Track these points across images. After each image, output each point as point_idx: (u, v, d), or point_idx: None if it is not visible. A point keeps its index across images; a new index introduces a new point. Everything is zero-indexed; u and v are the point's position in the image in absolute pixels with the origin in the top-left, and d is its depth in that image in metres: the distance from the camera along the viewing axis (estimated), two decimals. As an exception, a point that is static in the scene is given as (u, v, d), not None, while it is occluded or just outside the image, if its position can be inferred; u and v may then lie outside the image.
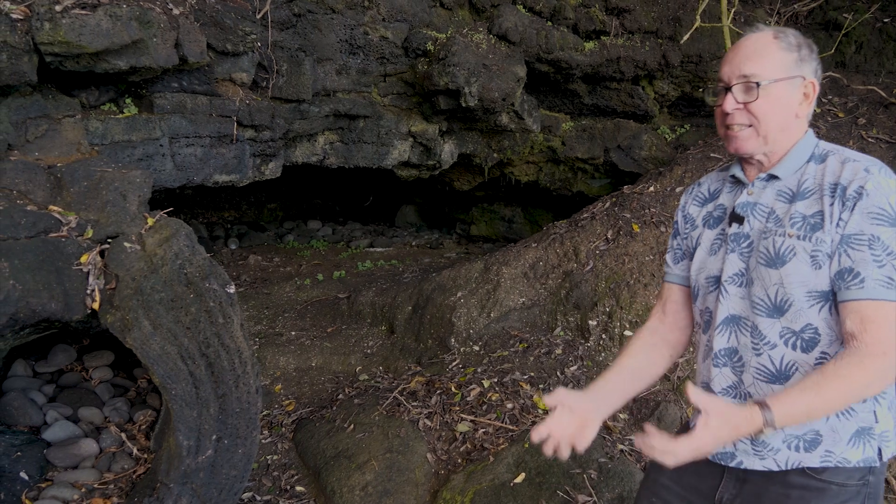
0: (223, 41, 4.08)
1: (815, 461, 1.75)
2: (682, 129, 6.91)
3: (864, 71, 6.51)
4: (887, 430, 1.73)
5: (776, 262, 1.75)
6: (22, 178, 3.07)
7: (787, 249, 1.73)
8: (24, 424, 3.56)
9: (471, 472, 3.64)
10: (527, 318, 4.94)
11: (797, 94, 1.76)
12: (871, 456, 1.72)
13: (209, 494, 2.96)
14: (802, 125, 1.80)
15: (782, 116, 1.78)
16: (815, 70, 1.77)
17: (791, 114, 1.77)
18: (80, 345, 4.23)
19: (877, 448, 1.72)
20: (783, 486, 1.78)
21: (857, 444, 1.73)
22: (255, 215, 9.64)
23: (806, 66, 1.76)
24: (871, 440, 1.72)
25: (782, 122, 1.78)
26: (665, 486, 2.01)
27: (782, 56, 1.76)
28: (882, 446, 1.73)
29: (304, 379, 5.00)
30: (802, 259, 1.70)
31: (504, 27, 5.53)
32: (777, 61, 1.76)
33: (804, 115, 1.79)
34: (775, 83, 1.76)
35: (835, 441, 1.74)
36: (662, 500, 2.01)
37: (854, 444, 1.73)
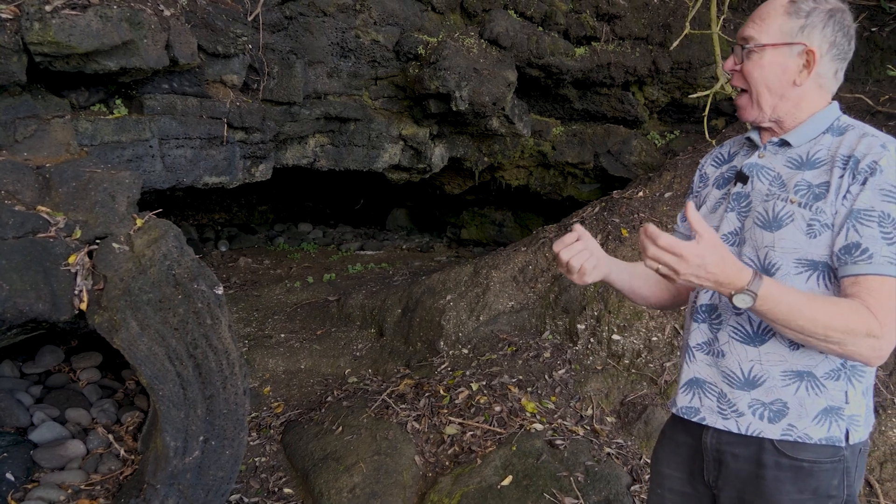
0: (214, 43, 4.08)
1: (777, 433, 1.75)
2: (672, 135, 6.95)
3: (851, 79, 6.56)
4: (858, 414, 1.73)
5: (772, 226, 1.74)
6: (10, 178, 3.07)
7: (785, 214, 1.72)
8: (10, 425, 3.55)
9: (458, 474, 3.65)
10: (515, 322, 4.96)
11: (795, 61, 1.74)
12: (837, 436, 1.72)
13: (196, 496, 2.96)
14: (817, 95, 1.77)
15: (775, 83, 1.77)
16: (825, 38, 1.72)
17: (787, 81, 1.76)
18: (67, 346, 4.22)
19: (844, 429, 1.72)
20: (757, 466, 1.78)
21: (822, 422, 1.72)
22: (245, 217, 9.62)
23: (812, 33, 1.72)
24: (839, 420, 1.72)
25: (776, 89, 1.77)
26: (667, 476, 2.02)
27: (783, 21, 1.74)
28: (851, 429, 1.72)
29: (293, 381, 5.00)
30: (799, 226, 1.70)
31: (495, 32, 5.55)
32: (776, 26, 1.75)
33: (805, 84, 1.74)
34: (768, 48, 1.76)
35: (800, 415, 1.73)
36: (667, 490, 2.03)
37: (820, 421, 1.72)
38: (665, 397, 4.15)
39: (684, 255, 1.53)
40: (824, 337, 1.59)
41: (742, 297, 1.58)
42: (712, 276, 1.57)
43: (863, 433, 1.75)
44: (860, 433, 1.74)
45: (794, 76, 1.75)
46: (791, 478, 1.74)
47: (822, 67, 1.74)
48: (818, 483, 1.72)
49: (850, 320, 1.56)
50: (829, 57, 1.73)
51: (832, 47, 1.73)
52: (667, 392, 4.17)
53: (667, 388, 4.18)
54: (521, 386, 4.30)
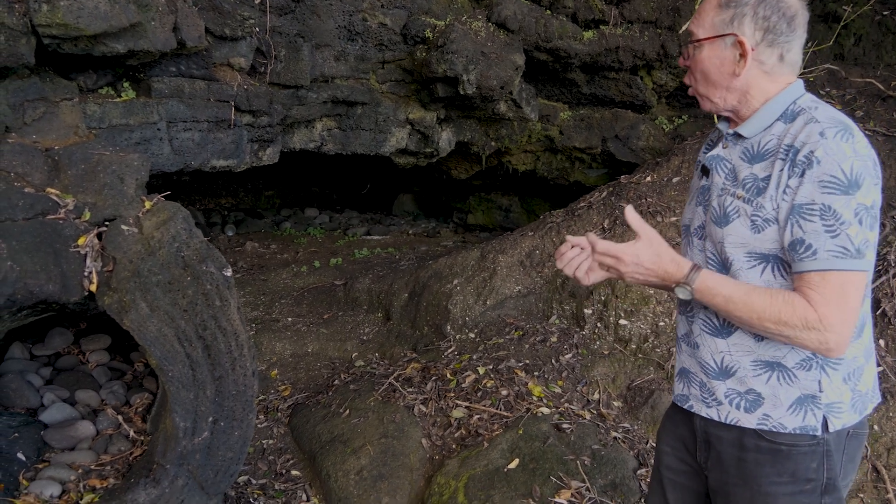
0: (221, 26, 4.07)
1: (752, 422, 1.79)
2: (680, 120, 6.92)
3: (862, 63, 6.52)
4: (840, 401, 1.73)
5: (721, 221, 1.77)
6: (19, 161, 3.08)
7: (732, 210, 1.74)
8: (21, 406, 3.57)
9: (465, 457, 3.67)
10: (522, 306, 4.96)
11: (730, 52, 1.74)
12: (812, 425, 1.73)
13: (205, 476, 2.98)
14: (766, 81, 1.75)
15: (716, 76, 1.77)
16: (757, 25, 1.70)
17: (727, 73, 1.75)
18: (77, 328, 4.24)
19: (821, 417, 1.72)
20: (739, 449, 1.82)
21: (797, 412, 1.74)
22: (252, 202, 9.63)
23: (743, 21, 1.71)
24: (815, 409, 1.73)
25: (719, 82, 1.78)
26: (666, 453, 2.08)
27: (715, 14, 1.75)
28: (830, 416, 1.72)
29: (300, 364, 5.02)
30: (744, 221, 1.71)
31: (503, 15, 5.53)
32: (708, 20, 1.76)
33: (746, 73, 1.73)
34: (705, 42, 1.77)
35: (774, 405, 1.76)
36: (664, 466, 2.09)
37: (795, 410, 1.74)
38: (672, 382, 4.15)
39: (620, 256, 1.72)
40: (762, 328, 1.66)
41: (681, 289, 1.73)
42: (651, 272, 1.73)
43: (848, 418, 1.75)
44: (844, 419, 1.74)
45: (733, 67, 1.74)
46: (770, 460, 1.77)
47: (760, 55, 1.72)
48: (796, 466, 1.74)
49: (782, 312, 1.62)
50: (766, 42, 1.71)
51: (767, 33, 1.70)
52: (673, 377, 4.17)
53: (673, 373, 4.18)
54: (528, 370, 4.31)
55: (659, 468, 2.11)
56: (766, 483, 1.77)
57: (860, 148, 1.60)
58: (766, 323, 1.64)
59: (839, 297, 1.59)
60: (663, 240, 1.75)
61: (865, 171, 1.58)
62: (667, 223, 4.97)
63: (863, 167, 1.58)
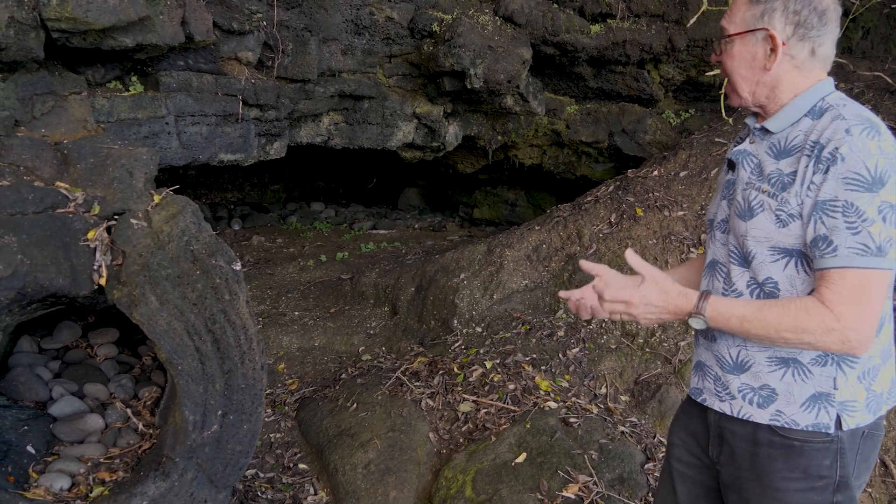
0: (229, 19, 4.07)
1: (765, 418, 1.79)
2: (687, 114, 6.90)
3: (870, 57, 6.49)
4: (854, 399, 1.72)
5: (746, 215, 1.77)
6: (29, 155, 3.08)
7: (757, 203, 1.75)
8: (30, 400, 3.58)
9: (472, 451, 3.68)
10: (529, 301, 4.96)
11: (761, 47, 1.74)
12: (825, 422, 1.72)
13: (214, 469, 2.99)
14: (797, 76, 1.75)
15: (746, 71, 1.78)
16: (788, 20, 1.70)
17: (757, 68, 1.76)
18: (85, 322, 4.25)
19: (835, 415, 1.72)
20: (752, 444, 1.81)
21: (811, 409, 1.73)
22: (258, 196, 9.64)
23: (773, 16, 1.71)
24: (829, 407, 1.72)
25: (749, 77, 1.78)
26: (677, 446, 2.09)
27: (746, 9, 1.75)
28: (844, 415, 1.72)
29: (307, 358, 5.03)
30: (768, 216, 1.71)
31: (510, 9, 5.51)
32: (740, 15, 1.76)
33: (776, 68, 1.74)
34: (736, 38, 1.77)
35: (788, 402, 1.75)
36: (675, 458, 2.09)
37: (808, 408, 1.74)
38: (679, 376, 4.15)
39: (629, 300, 1.76)
40: (783, 340, 1.65)
41: (695, 320, 1.74)
42: (662, 310, 1.76)
43: (862, 418, 1.74)
44: (858, 418, 1.73)
45: (764, 62, 1.75)
46: (783, 456, 1.76)
47: (792, 49, 1.72)
48: (808, 462, 1.74)
49: (798, 320, 1.61)
50: (798, 37, 1.71)
51: (798, 27, 1.70)
52: (681, 371, 4.17)
53: (681, 368, 4.18)
54: (535, 364, 4.31)
55: (669, 460, 2.12)
56: (778, 479, 1.77)
57: (886, 146, 1.59)
58: (784, 334, 1.63)
59: (858, 295, 1.58)
60: (667, 275, 1.80)
61: (891, 169, 1.57)
62: (674, 217, 4.96)
63: (888, 165, 1.57)
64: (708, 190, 5.20)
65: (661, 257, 4.71)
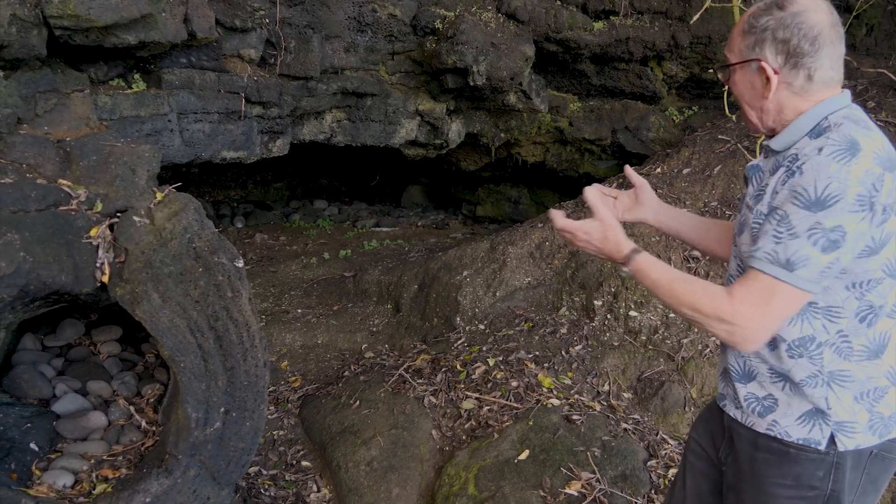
0: (232, 17, 4.07)
1: (762, 427, 1.82)
2: (690, 111, 6.88)
3: (874, 54, 6.47)
4: (853, 421, 1.73)
5: (738, 231, 1.85)
6: (31, 152, 3.08)
7: (744, 220, 1.81)
8: (33, 397, 3.59)
9: (475, 448, 3.68)
10: (532, 298, 4.96)
11: (758, 77, 1.75)
12: (817, 438, 1.74)
13: (217, 466, 2.99)
14: (798, 100, 1.74)
15: (749, 99, 1.80)
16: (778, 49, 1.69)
17: (757, 96, 1.77)
18: (88, 319, 4.25)
19: (828, 434, 1.73)
20: (754, 448, 1.85)
21: (805, 423, 1.75)
22: (261, 194, 9.64)
23: (764, 46, 1.71)
24: (823, 425, 1.74)
25: (753, 104, 1.80)
26: (695, 440, 2.15)
27: (741, 40, 1.76)
28: (840, 434, 1.73)
29: (310, 356, 5.03)
30: (749, 231, 1.76)
31: (513, 6, 5.50)
32: (737, 45, 1.78)
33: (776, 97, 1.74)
34: (736, 68, 1.79)
35: (786, 414, 1.78)
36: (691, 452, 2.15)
37: (803, 422, 1.76)
38: (682, 374, 4.15)
39: (574, 232, 1.94)
40: (682, 313, 1.77)
41: (623, 269, 1.90)
42: (597, 250, 1.94)
43: (864, 439, 1.74)
44: (858, 440, 1.73)
45: (762, 90, 1.75)
46: (777, 461, 1.79)
47: (786, 77, 1.71)
48: (801, 471, 1.75)
49: (699, 301, 1.71)
50: (790, 66, 1.70)
51: (790, 56, 1.69)
52: (683, 368, 4.16)
53: (683, 365, 4.18)
54: (538, 361, 4.31)
55: (686, 453, 2.18)
56: (770, 484, 1.80)
57: (853, 171, 1.55)
58: (682, 308, 1.75)
59: (761, 299, 1.64)
60: (616, 223, 1.92)
61: (843, 195, 1.55)
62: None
63: (841, 189, 1.55)
64: (711, 187, 5.19)
65: (665, 254, 4.70)
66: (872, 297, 1.68)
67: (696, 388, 4.09)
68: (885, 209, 1.59)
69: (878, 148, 1.60)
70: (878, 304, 1.68)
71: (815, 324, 1.71)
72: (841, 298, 1.68)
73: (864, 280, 1.66)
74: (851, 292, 1.67)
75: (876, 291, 1.67)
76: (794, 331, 1.73)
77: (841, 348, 1.71)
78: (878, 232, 1.61)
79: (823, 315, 1.70)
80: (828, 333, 1.71)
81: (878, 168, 1.57)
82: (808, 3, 1.69)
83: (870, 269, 1.65)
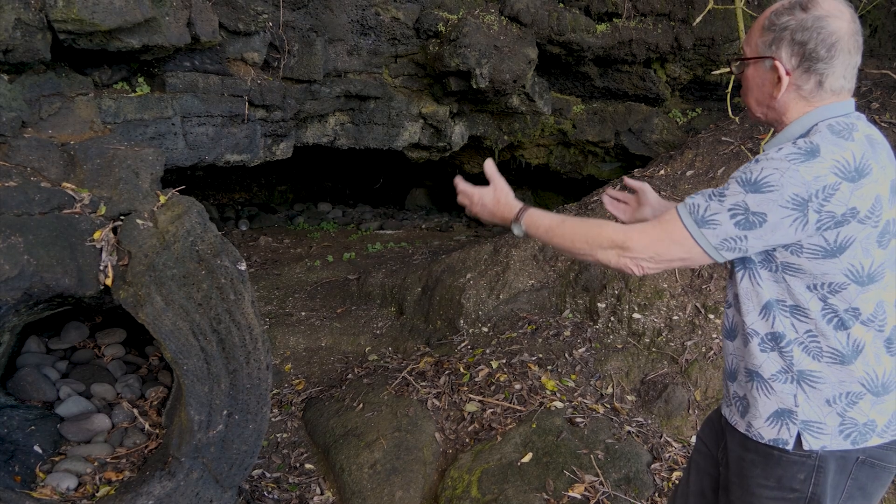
0: (235, 20, 4.08)
1: (742, 427, 1.86)
2: (694, 113, 6.88)
3: (878, 55, 6.46)
4: (819, 422, 1.73)
5: None
6: (36, 155, 3.10)
7: None
8: (37, 399, 3.60)
9: (478, 451, 3.67)
10: (536, 300, 4.95)
11: (770, 75, 1.75)
12: (784, 438, 1.75)
13: (220, 469, 3.00)
14: (802, 105, 1.74)
15: (758, 94, 1.81)
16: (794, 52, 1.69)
17: (766, 94, 1.77)
18: (92, 322, 4.27)
19: (795, 433, 1.74)
20: (743, 449, 1.87)
21: (774, 424, 1.77)
22: (265, 197, 9.66)
23: (781, 46, 1.70)
24: (791, 424, 1.75)
25: (761, 100, 1.81)
26: (700, 439, 2.18)
27: (759, 35, 1.76)
28: (806, 434, 1.73)
29: (313, 359, 5.03)
30: None
31: (516, 8, 5.51)
32: (754, 40, 1.78)
33: (784, 97, 1.74)
34: (749, 62, 1.80)
35: (755, 415, 1.81)
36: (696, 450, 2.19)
37: (772, 423, 1.78)
38: (686, 376, 4.14)
39: (470, 197, 2.11)
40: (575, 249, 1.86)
41: (515, 227, 2.00)
42: (491, 214, 2.07)
43: (831, 442, 1.73)
44: (825, 441, 1.73)
45: (772, 89, 1.75)
46: (762, 462, 1.80)
47: (798, 80, 1.72)
48: (783, 472, 1.76)
49: (591, 233, 1.82)
50: (803, 69, 1.70)
51: (804, 59, 1.69)
52: (687, 371, 4.15)
53: (687, 367, 4.17)
54: (541, 364, 4.31)
55: (693, 451, 2.21)
56: (755, 484, 1.82)
57: (803, 173, 1.57)
58: (578, 242, 1.84)
59: (662, 233, 1.73)
60: (508, 188, 2.07)
61: (777, 185, 1.58)
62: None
63: (776, 180, 1.58)
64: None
65: (668, 257, 4.69)
66: (836, 300, 1.68)
67: (700, 390, 4.08)
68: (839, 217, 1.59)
69: (842, 157, 1.59)
70: (843, 309, 1.68)
71: (785, 322, 1.73)
72: (805, 299, 1.69)
73: (825, 282, 1.66)
74: (814, 293, 1.68)
75: (840, 296, 1.67)
76: (765, 325, 1.76)
77: (810, 348, 1.73)
78: (832, 235, 1.61)
79: (791, 314, 1.73)
80: (796, 332, 1.73)
81: (834, 177, 1.57)
82: (832, 8, 1.68)
83: (828, 271, 1.65)
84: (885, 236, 1.66)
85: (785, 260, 1.68)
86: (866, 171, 1.60)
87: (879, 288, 1.68)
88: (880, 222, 1.63)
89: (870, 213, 1.61)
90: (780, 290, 1.72)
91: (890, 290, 1.72)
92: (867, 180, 1.60)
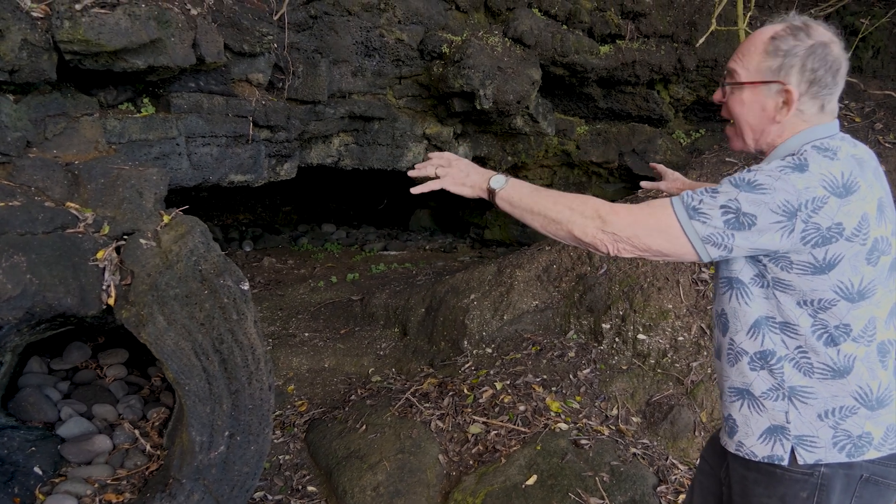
0: (240, 42, 4.10)
1: (732, 447, 1.86)
2: (698, 134, 6.89)
3: (881, 76, 6.47)
4: (812, 436, 1.72)
5: None
6: (40, 175, 3.10)
7: None
8: (38, 420, 3.58)
9: (482, 473, 3.64)
10: (540, 321, 4.93)
11: (773, 99, 1.74)
12: (779, 454, 1.75)
13: (221, 491, 2.97)
14: (790, 126, 1.75)
15: (754, 120, 1.78)
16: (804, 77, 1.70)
17: (766, 118, 1.76)
18: (94, 343, 4.25)
19: (789, 448, 1.74)
20: (745, 468, 1.85)
21: (767, 441, 1.77)
22: (269, 218, 9.67)
23: (790, 72, 1.70)
24: (784, 440, 1.74)
25: (756, 126, 1.78)
26: (703, 459, 2.17)
27: (761, 59, 1.73)
28: (800, 448, 1.73)
29: (316, 380, 5.01)
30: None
31: (519, 30, 5.54)
32: (755, 64, 1.75)
33: (784, 121, 1.74)
34: (747, 86, 1.76)
35: (746, 434, 1.81)
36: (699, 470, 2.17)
37: (765, 440, 1.77)
38: (691, 397, 4.10)
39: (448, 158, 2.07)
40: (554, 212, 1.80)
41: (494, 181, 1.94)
42: (461, 181, 2.02)
43: (826, 455, 1.72)
44: (820, 454, 1.72)
45: (774, 114, 1.75)
46: (765, 481, 1.79)
47: (802, 105, 1.72)
48: (786, 490, 1.75)
49: (577, 200, 1.79)
50: (810, 94, 1.71)
51: (812, 85, 1.70)
52: (692, 392, 4.12)
53: (693, 389, 4.13)
54: (546, 385, 4.28)
55: (696, 474, 2.20)
56: (757, 503, 1.81)
57: (794, 182, 1.59)
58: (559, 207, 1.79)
59: (647, 215, 1.71)
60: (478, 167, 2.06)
61: (770, 190, 1.59)
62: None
63: (767, 183, 1.60)
64: (719, 209, 5.16)
65: (672, 277, 4.68)
66: (826, 316, 1.68)
67: (705, 412, 4.04)
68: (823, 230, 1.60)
69: (830, 172, 1.61)
70: (834, 325, 1.68)
71: (775, 339, 1.73)
72: (795, 315, 1.70)
73: (815, 298, 1.67)
74: (804, 309, 1.69)
75: (830, 312, 1.67)
76: (755, 344, 1.76)
77: (801, 364, 1.72)
78: (821, 253, 1.62)
79: (781, 330, 1.73)
80: (787, 349, 1.73)
81: (823, 191, 1.59)
82: (826, 35, 1.72)
83: (817, 287, 1.66)
84: (874, 254, 1.66)
85: (776, 276, 1.68)
86: (854, 188, 1.62)
87: (871, 304, 1.69)
88: (868, 240, 1.64)
89: (857, 231, 1.62)
90: (770, 306, 1.73)
91: (882, 306, 1.72)
92: (854, 197, 1.61)
